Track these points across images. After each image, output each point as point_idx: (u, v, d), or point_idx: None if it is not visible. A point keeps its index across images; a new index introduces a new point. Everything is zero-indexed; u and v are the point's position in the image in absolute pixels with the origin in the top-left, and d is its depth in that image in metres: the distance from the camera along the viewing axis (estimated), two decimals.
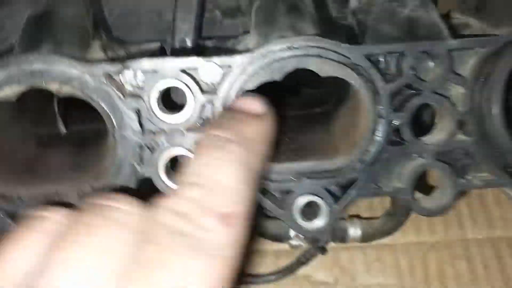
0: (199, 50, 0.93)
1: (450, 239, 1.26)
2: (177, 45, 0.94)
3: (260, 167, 0.59)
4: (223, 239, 0.47)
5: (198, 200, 0.48)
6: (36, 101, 0.80)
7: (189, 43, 0.94)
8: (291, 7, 0.78)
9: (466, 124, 0.77)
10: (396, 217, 1.14)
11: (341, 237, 1.16)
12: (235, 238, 0.48)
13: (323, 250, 1.18)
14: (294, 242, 1.16)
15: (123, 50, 0.88)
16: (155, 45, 0.95)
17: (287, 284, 1.23)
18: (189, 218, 0.47)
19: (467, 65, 0.76)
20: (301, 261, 1.18)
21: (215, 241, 0.46)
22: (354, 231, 1.15)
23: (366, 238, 1.16)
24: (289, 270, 1.19)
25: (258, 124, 0.62)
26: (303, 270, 1.23)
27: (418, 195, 0.79)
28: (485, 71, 0.75)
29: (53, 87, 0.69)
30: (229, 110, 0.67)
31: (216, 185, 0.50)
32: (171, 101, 0.76)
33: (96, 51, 0.81)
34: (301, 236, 1.14)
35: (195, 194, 0.49)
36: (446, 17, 0.87)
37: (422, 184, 0.79)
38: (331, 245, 1.22)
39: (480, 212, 1.29)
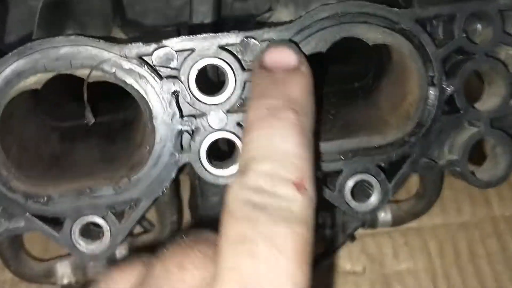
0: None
1: (478, 218, 1.23)
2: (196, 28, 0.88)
3: (313, 123, 0.58)
4: (300, 204, 0.49)
5: (270, 172, 0.51)
6: (52, 92, 0.74)
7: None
8: None
9: None
10: (426, 198, 1.10)
11: (371, 222, 1.11)
12: (310, 202, 0.51)
13: (352, 238, 1.13)
14: (321, 231, 1.11)
15: (142, 35, 0.82)
16: (171, 29, 0.89)
17: (314, 276, 1.18)
18: (266, 191, 0.49)
19: None
20: (330, 251, 1.13)
21: (293, 207, 0.49)
22: (384, 215, 1.10)
23: (397, 221, 1.11)
24: (317, 261, 1.14)
25: (298, 79, 0.60)
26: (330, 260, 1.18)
27: (470, 166, 0.75)
28: None
29: (82, 72, 0.63)
30: (263, 69, 0.62)
31: (283, 155, 0.52)
32: (204, 81, 0.70)
33: (119, 35, 0.75)
34: (328, 225, 1.09)
35: (266, 167, 0.51)
36: None
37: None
38: (357, 232, 1.18)
39: (506, 189, 1.25)
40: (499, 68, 0.71)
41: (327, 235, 1.08)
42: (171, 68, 0.66)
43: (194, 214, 1.05)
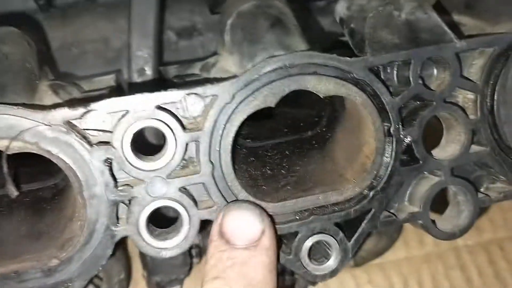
0: (164, 80, 0.81)
1: (441, 249, 1.20)
2: (135, 76, 0.81)
3: None
4: None
5: None
6: None
7: (149, 71, 0.82)
8: (274, 21, 0.68)
9: (478, 133, 0.69)
10: (388, 236, 1.06)
11: None
12: None
13: (313, 282, 1.07)
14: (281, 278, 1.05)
15: (75, 89, 0.74)
16: (109, 78, 0.82)
17: None
18: None
19: (473, 68, 0.69)
20: None
21: None
22: None
23: (359, 262, 1.07)
24: None
25: (260, 258, 0.56)
26: None
27: (432, 215, 0.71)
28: (494, 72, 0.67)
29: (1, 144, 0.55)
30: (222, 239, 0.57)
31: None
32: (143, 142, 0.64)
33: (46, 94, 0.67)
34: (288, 271, 1.04)
35: None
36: None
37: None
38: None
39: None
40: (458, 114, 0.67)
41: (288, 281, 1.03)
42: (103, 133, 0.59)
43: (146, 267, 0.97)
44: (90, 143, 0.58)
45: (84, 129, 0.58)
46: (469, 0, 0.78)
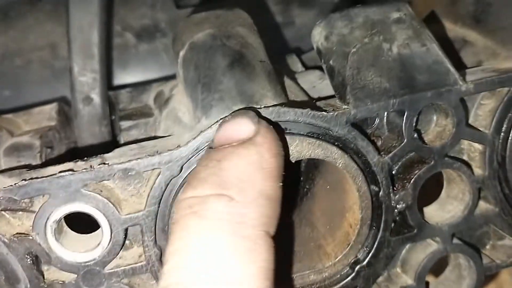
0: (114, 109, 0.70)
1: None
2: (81, 106, 0.69)
3: (263, 212, 0.42)
4: None
5: None
6: None
7: (96, 99, 0.69)
8: (235, 58, 0.54)
9: (486, 188, 0.57)
10: None
11: None
12: None
13: None
14: None
15: (5, 133, 0.62)
16: (51, 108, 0.69)
17: None
18: None
19: (482, 110, 0.56)
20: None
21: None
22: None
23: None
24: None
25: (242, 153, 0.43)
26: None
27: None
28: (508, 116, 0.54)
29: None
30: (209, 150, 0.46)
31: (210, 274, 0.39)
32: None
33: None
34: None
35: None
36: (427, 21, 0.64)
37: None
38: None
39: None
40: (462, 171, 0.55)
41: None
42: (25, 211, 0.48)
43: None
44: (7, 236, 0.47)
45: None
46: (477, 12, 0.64)
